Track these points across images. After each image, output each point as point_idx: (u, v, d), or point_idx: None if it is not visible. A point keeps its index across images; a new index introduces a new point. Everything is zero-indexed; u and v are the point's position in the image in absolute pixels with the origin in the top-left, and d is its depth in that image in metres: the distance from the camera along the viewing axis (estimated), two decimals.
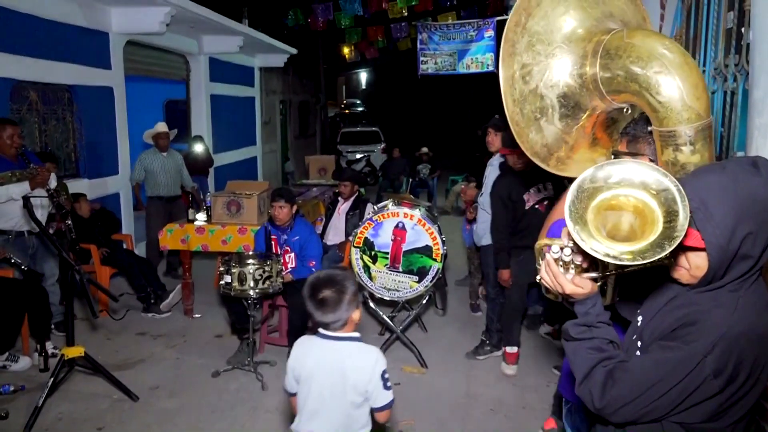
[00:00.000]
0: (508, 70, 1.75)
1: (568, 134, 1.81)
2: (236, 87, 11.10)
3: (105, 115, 6.89)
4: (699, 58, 3.38)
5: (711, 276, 1.36)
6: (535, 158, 1.79)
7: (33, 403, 3.56)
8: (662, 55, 1.56)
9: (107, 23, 6.76)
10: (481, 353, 4.63)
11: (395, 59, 20.03)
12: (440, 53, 10.40)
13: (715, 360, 1.30)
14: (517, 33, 1.76)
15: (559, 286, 1.49)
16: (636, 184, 1.32)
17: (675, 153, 1.59)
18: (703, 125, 1.55)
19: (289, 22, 13.30)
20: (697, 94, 1.54)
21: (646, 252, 1.24)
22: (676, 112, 1.55)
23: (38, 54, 5.73)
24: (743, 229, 1.29)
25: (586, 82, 1.75)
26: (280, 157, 14.80)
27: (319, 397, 2.16)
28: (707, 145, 1.57)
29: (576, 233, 1.30)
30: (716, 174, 1.35)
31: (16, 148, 4.36)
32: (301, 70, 16.91)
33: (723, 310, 1.35)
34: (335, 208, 6.09)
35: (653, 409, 1.35)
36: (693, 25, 3.47)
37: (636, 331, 1.54)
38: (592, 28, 1.76)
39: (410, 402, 3.87)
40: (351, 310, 2.15)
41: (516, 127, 1.77)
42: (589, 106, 1.78)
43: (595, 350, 1.44)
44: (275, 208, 4.54)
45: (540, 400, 3.95)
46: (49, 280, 4.67)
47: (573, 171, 1.84)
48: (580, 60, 1.75)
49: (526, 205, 4.14)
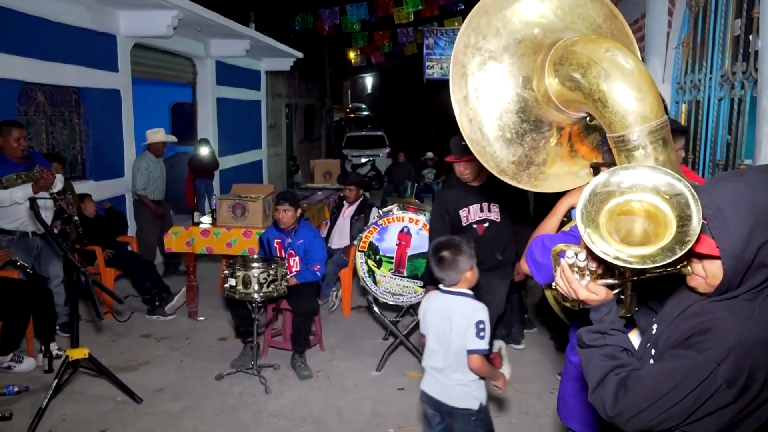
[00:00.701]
0: (460, 91, 1.73)
1: (535, 149, 1.76)
2: (242, 90, 11.13)
3: (112, 117, 6.92)
4: (706, 65, 3.37)
5: (726, 285, 1.34)
6: (503, 176, 1.75)
7: (37, 405, 3.56)
8: (601, 59, 1.52)
9: (115, 26, 6.79)
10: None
11: (401, 64, 20.10)
12: (446, 58, 10.44)
13: (728, 369, 1.28)
14: (467, 54, 1.73)
15: (573, 292, 1.48)
16: (649, 189, 1.30)
17: (627, 159, 1.53)
18: (651, 127, 1.49)
19: (296, 26, 13.35)
20: (640, 96, 1.49)
21: (656, 256, 1.23)
22: (620, 116, 1.50)
23: (46, 56, 5.76)
24: (760, 238, 1.28)
25: (540, 95, 1.71)
26: (285, 161, 14.83)
27: (434, 340, 2.64)
28: (661, 147, 1.51)
29: (587, 236, 1.29)
30: (734, 182, 1.33)
31: (22, 150, 4.38)
32: (307, 74, 16.97)
33: (737, 318, 1.33)
34: (340, 212, 6.09)
35: (666, 418, 1.33)
36: (700, 32, 3.47)
37: (650, 339, 1.53)
38: (543, 41, 1.72)
39: (414, 407, 3.86)
40: (464, 271, 2.55)
41: (476, 147, 1.74)
42: (550, 120, 1.75)
43: (608, 358, 1.42)
44: (279, 211, 4.55)
45: (543, 406, 3.93)
46: (54, 281, 4.68)
47: (550, 186, 1.79)
48: (532, 74, 1.72)
49: (462, 221, 3.86)
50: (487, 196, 3.81)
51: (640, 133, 1.50)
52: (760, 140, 2.52)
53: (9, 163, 4.35)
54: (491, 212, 3.86)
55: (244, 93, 11.29)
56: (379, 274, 4.52)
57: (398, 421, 3.75)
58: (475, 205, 3.84)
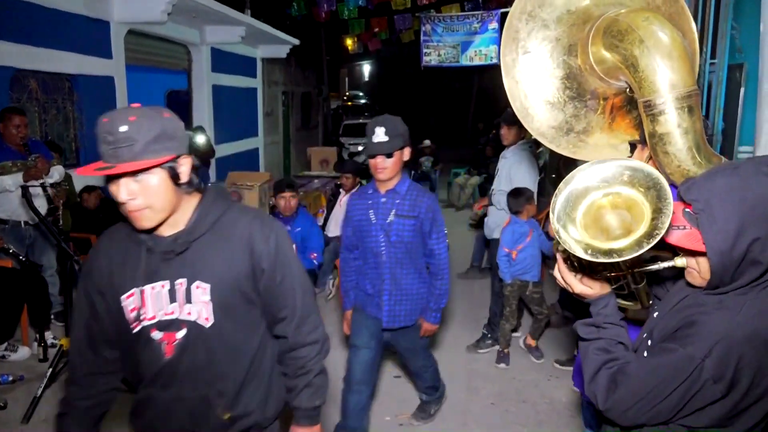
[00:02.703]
0: (510, 54, 1.82)
1: (576, 117, 1.84)
2: (238, 78, 11.04)
3: (106, 104, 6.84)
4: (706, 51, 3.34)
5: (717, 281, 1.31)
6: (542, 139, 1.86)
7: (32, 394, 3.55)
8: (638, 26, 1.61)
9: (108, 12, 6.71)
10: (482, 347, 4.61)
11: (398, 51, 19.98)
12: (444, 45, 10.34)
13: (713, 364, 1.26)
14: (521, 20, 1.81)
15: (568, 286, 1.49)
16: (626, 182, 1.33)
17: (652, 124, 1.62)
18: (678, 94, 1.56)
19: (292, 12, 13.23)
20: (670, 64, 1.57)
21: (624, 250, 1.25)
22: (649, 81, 1.59)
23: (38, 42, 5.69)
24: (750, 234, 1.24)
25: (584, 63, 1.80)
26: (282, 149, 14.76)
27: None
28: (686, 114, 1.58)
29: (558, 230, 1.33)
30: (726, 175, 1.29)
31: (21, 137, 4.36)
32: (304, 61, 16.84)
33: (725, 313, 1.30)
34: (337, 200, 6.07)
35: (656, 414, 1.33)
36: (700, 17, 3.43)
37: (648, 328, 1.52)
38: (594, 13, 1.80)
39: (410, 395, 3.85)
40: None
41: (519, 108, 1.82)
42: (593, 88, 1.82)
43: (601, 351, 1.43)
44: (284, 198, 4.50)
45: (540, 394, 3.93)
46: (48, 270, 4.65)
47: (588, 155, 1.86)
48: (578, 43, 1.81)
49: None
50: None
51: (666, 99, 1.58)
52: (760, 126, 2.49)
53: (8, 150, 4.33)
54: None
55: (240, 80, 11.20)
56: None
57: (395, 408, 3.74)
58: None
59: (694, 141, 1.58)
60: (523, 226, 4.26)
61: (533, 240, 4.28)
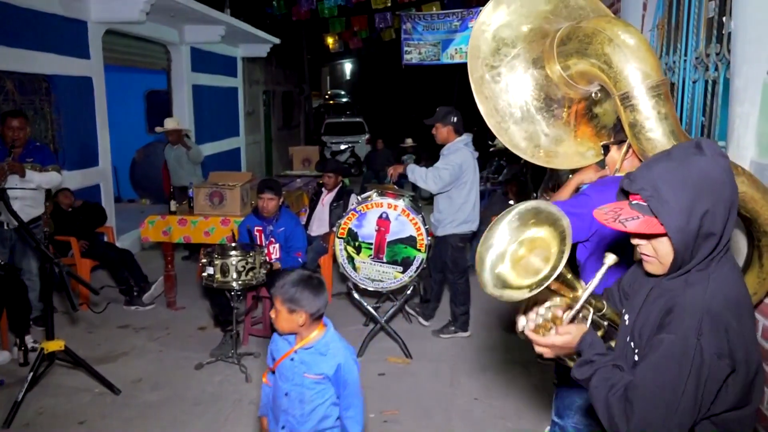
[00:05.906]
0: (477, 71, 1.94)
1: (547, 127, 1.93)
2: (219, 77, 10.96)
3: (84, 105, 6.77)
4: (680, 48, 3.39)
5: (680, 260, 1.37)
6: (517, 151, 1.96)
7: (13, 398, 3.51)
8: (605, 28, 1.74)
9: (85, 12, 6.62)
10: (445, 332, 4.88)
11: (379, 49, 19.97)
12: (424, 43, 10.37)
13: (709, 339, 1.29)
14: (480, 39, 1.95)
15: (553, 348, 1.52)
16: (521, 228, 1.50)
17: (632, 114, 1.72)
18: (651, 83, 1.69)
19: (272, 11, 13.17)
20: (640, 56, 1.71)
21: (555, 266, 1.38)
22: (623, 75, 1.71)
23: (14, 43, 5.60)
24: (700, 208, 1.32)
25: (550, 72, 1.91)
26: (263, 148, 14.69)
27: None
28: (663, 101, 1.70)
29: (497, 294, 1.47)
30: (663, 161, 1.38)
31: (13, 140, 4.39)
32: (285, 60, 16.76)
33: (695, 289, 1.36)
34: (319, 199, 6.06)
35: (683, 413, 1.30)
36: (675, 14, 3.48)
37: (626, 332, 1.54)
38: (549, 29, 1.94)
39: (394, 392, 3.87)
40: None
41: (493, 122, 1.91)
42: (559, 96, 1.92)
43: (602, 381, 1.42)
44: (264, 200, 4.50)
45: (523, 387, 3.97)
46: (27, 274, 4.59)
47: (561, 163, 1.97)
48: (542, 55, 1.92)
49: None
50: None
51: (642, 89, 1.70)
52: (732, 121, 2.54)
53: (3, 151, 4.36)
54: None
55: (221, 80, 11.12)
56: (359, 261, 4.51)
57: (379, 406, 3.76)
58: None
59: (670, 126, 1.70)
60: None
61: None
